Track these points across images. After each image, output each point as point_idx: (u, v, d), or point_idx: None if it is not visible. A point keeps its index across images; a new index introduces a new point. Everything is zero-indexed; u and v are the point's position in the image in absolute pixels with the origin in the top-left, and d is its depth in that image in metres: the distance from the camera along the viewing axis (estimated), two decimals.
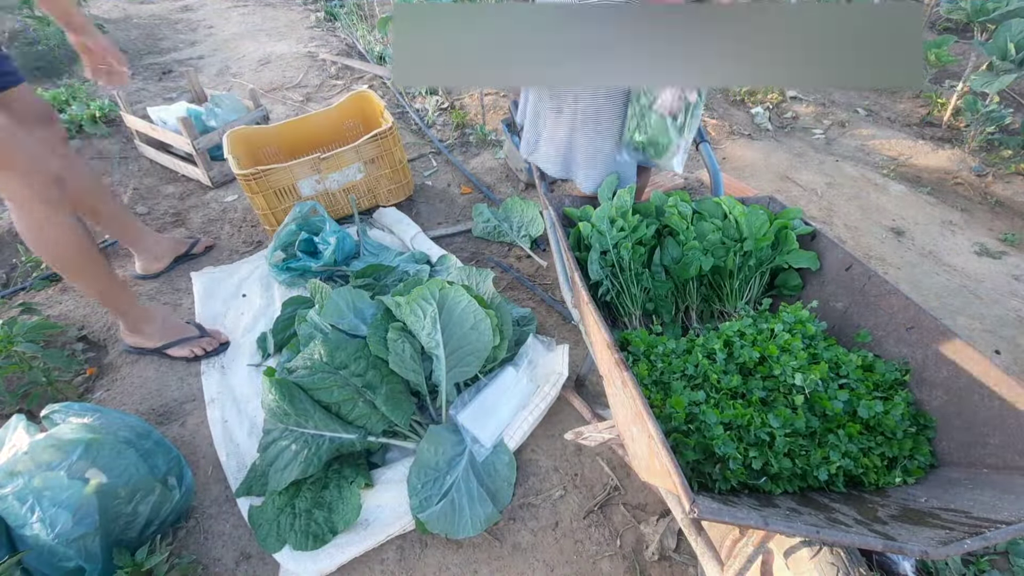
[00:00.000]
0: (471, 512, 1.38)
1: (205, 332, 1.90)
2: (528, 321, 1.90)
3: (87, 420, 1.33)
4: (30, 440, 1.25)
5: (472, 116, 3.32)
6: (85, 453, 1.23)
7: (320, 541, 1.33)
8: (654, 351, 1.26)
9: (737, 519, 0.75)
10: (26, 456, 1.21)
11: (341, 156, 2.23)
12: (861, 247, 2.46)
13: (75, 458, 1.21)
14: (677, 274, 1.46)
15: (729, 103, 3.69)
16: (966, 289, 2.26)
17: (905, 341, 1.20)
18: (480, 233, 2.40)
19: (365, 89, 2.65)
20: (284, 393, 1.43)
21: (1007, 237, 2.58)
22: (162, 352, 1.85)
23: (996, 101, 3.10)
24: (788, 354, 1.19)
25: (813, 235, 1.46)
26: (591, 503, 1.48)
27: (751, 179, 2.89)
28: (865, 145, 3.29)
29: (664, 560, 1.36)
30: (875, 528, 0.85)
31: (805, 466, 1.06)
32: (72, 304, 2.03)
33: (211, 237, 2.42)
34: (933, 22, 4.68)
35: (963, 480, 1.01)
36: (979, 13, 3.11)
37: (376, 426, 1.48)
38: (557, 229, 1.41)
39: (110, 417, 1.38)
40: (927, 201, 2.81)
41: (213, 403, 1.68)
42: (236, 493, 1.45)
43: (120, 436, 1.32)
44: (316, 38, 4.59)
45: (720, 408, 1.11)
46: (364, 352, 1.59)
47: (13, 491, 1.18)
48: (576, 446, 1.59)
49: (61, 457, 1.21)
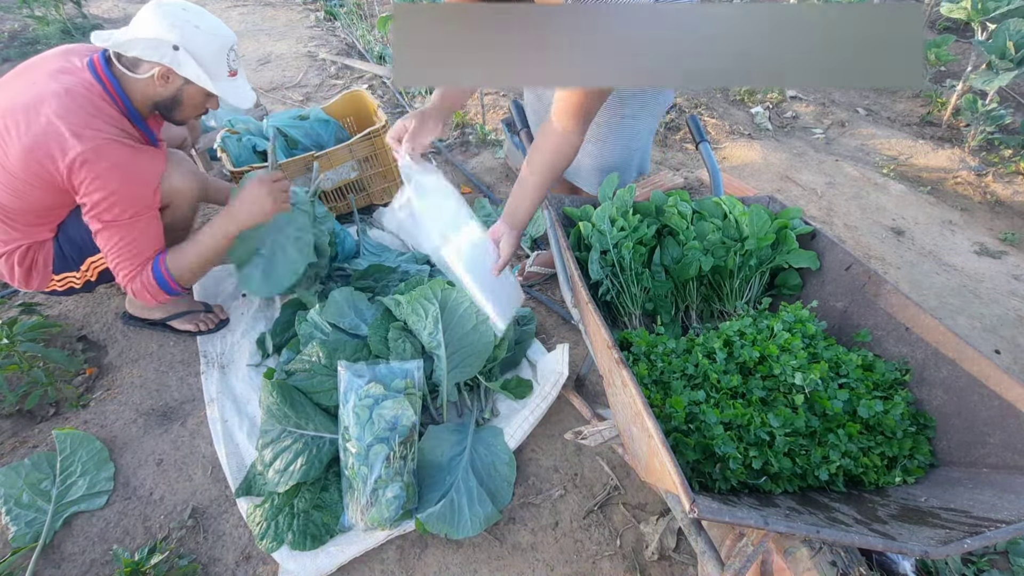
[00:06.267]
0: (471, 512, 1.38)
1: (210, 308, 1.94)
2: (528, 321, 1.90)
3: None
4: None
5: (472, 116, 3.32)
6: None
7: (318, 541, 1.34)
8: (654, 351, 1.26)
9: (737, 519, 0.75)
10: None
11: (334, 154, 2.23)
12: (861, 247, 2.46)
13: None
14: (677, 274, 1.46)
15: (729, 103, 3.69)
16: (966, 289, 2.26)
17: (905, 341, 1.20)
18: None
19: (358, 88, 2.64)
20: (285, 396, 1.43)
21: (1007, 237, 2.58)
22: (165, 324, 1.88)
23: (996, 100, 3.10)
24: (788, 353, 1.19)
25: (813, 235, 1.46)
26: (591, 503, 1.48)
27: (751, 179, 2.89)
28: (865, 145, 3.29)
29: (664, 560, 1.36)
30: (875, 528, 0.85)
31: (805, 466, 1.06)
32: (72, 304, 2.03)
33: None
34: (933, 21, 4.68)
35: (963, 479, 1.01)
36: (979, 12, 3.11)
37: None
38: (557, 229, 1.41)
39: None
40: (927, 201, 2.81)
41: (213, 403, 1.68)
42: (236, 493, 1.45)
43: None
44: (316, 38, 4.59)
45: (720, 408, 1.11)
46: (363, 353, 1.59)
47: None
48: (576, 446, 1.59)
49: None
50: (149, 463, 1.56)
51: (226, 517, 1.45)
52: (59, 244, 1.57)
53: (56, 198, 1.44)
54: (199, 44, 1.39)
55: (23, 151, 1.34)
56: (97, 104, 1.39)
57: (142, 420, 1.67)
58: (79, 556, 1.37)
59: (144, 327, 1.91)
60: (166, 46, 1.37)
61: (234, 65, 1.49)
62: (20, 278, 1.57)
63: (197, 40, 1.39)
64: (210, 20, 1.43)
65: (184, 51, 1.38)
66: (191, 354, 1.86)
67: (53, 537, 1.39)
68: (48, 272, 1.60)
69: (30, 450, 1.57)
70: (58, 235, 1.56)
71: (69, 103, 1.35)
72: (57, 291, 1.67)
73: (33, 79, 1.41)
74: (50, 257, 1.58)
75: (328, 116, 2.46)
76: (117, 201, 1.40)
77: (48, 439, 1.59)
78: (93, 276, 1.64)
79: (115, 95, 1.42)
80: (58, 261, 1.59)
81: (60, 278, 1.63)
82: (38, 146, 1.33)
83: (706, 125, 3.34)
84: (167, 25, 1.36)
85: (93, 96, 1.39)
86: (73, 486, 1.47)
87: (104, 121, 1.39)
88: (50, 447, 1.56)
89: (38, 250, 1.56)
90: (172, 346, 1.88)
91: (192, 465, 1.56)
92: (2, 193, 1.42)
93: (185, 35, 1.37)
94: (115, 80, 1.42)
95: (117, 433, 1.63)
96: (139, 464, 1.56)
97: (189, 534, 1.41)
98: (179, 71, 1.39)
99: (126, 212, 1.43)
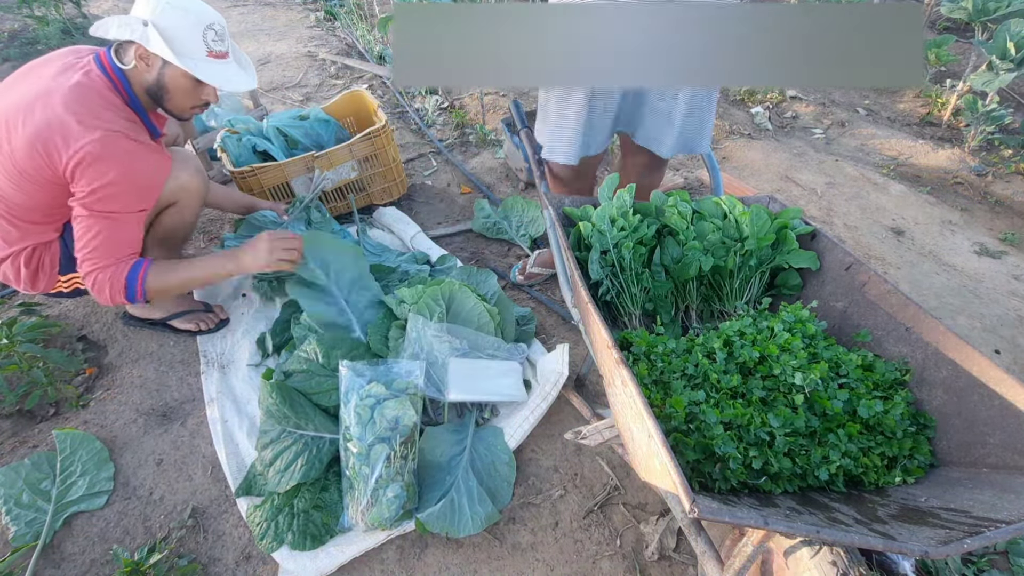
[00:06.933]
0: (471, 512, 1.38)
1: (210, 308, 1.94)
2: (528, 320, 1.90)
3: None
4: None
5: (472, 116, 3.32)
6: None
7: (318, 542, 1.34)
8: (654, 351, 1.26)
9: (737, 519, 0.75)
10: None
11: (334, 154, 2.23)
12: (861, 247, 2.47)
13: None
14: (677, 274, 1.46)
15: (729, 103, 3.69)
16: (966, 289, 2.27)
17: (905, 341, 1.20)
18: (479, 228, 2.39)
19: (358, 88, 2.64)
20: (284, 396, 1.44)
21: (1007, 237, 2.58)
22: (166, 323, 1.87)
23: (996, 101, 3.10)
24: (788, 353, 1.19)
25: (813, 235, 1.46)
26: (591, 503, 1.48)
27: (751, 179, 2.89)
28: (865, 145, 3.29)
29: (664, 560, 1.36)
30: (875, 528, 0.85)
31: (805, 466, 1.06)
32: (72, 304, 2.03)
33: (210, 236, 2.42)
34: (933, 21, 4.68)
35: (963, 479, 1.01)
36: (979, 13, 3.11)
37: None
38: (557, 228, 1.41)
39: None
40: (927, 201, 2.81)
41: (213, 403, 1.68)
42: (236, 493, 1.45)
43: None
44: (316, 38, 4.59)
45: (720, 408, 1.11)
46: (361, 350, 1.59)
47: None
48: (576, 446, 1.59)
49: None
50: (149, 463, 1.56)
51: (226, 517, 1.45)
52: (65, 244, 1.56)
53: (61, 195, 1.43)
54: (168, 19, 1.36)
55: (27, 142, 1.33)
56: (104, 95, 1.39)
57: (142, 420, 1.67)
58: (79, 556, 1.37)
59: (144, 327, 1.91)
60: (137, 22, 1.36)
61: (217, 47, 1.44)
62: (27, 280, 1.56)
63: (167, 15, 1.36)
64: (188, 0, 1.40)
65: (152, 27, 1.35)
66: (191, 354, 1.86)
67: (53, 537, 1.39)
68: (54, 273, 1.59)
69: (30, 450, 1.57)
70: (64, 235, 1.56)
71: (78, 95, 1.35)
72: (63, 293, 1.66)
73: (40, 76, 1.41)
74: (56, 258, 1.57)
75: (328, 116, 2.46)
76: (114, 194, 1.39)
77: (48, 439, 1.59)
78: None
79: (120, 87, 1.42)
80: (64, 262, 1.58)
81: (66, 279, 1.62)
82: (43, 135, 1.32)
83: None
84: (144, 3, 1.36)
85: (100, 87, 1.39)
86: (73, 486, 1.47)
87: (111, 112, 1.39)
88: (50, 447, 1.57)
89: (44, 251, 1.55)
90: (172, 346, 1.88)
91: (192, 465, 1.56)
92: (9, 189, 1.41)
93: (156, 10, 1.35)
94: (120, 72, 1.42)
95: (117, 433, 1.63)
96: (139, 464, 1.56)
97: (189, 534, 1.41)
98: (148, 47, 1.36)
99: (118, 207, 1.42)
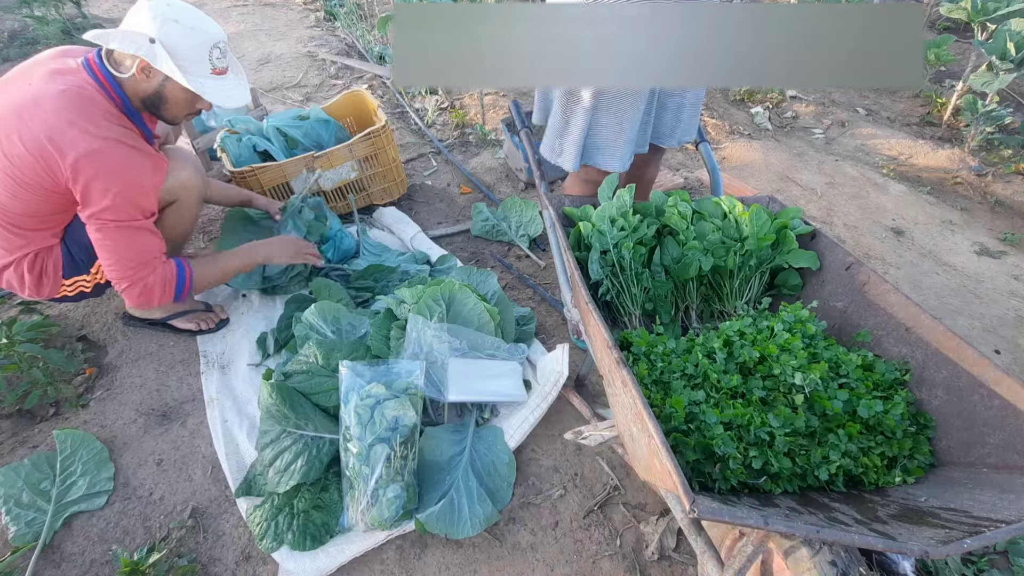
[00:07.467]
0: (471, 512, 1.38)
1: (210, 308, 1.94)
2: (528, 320, 1.90)
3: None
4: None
5: (472, 116, 3.32)
6: None
7: (318, 542, 1.33)
8: (654, 351, 1.26)
9: (737, 519, 0.75)
10: None
11: (334, 154, 2.23)
12: (861, 247, 2.47)
13: None
14: (677, 274, 1.46)
15: (729, 103, 3.69)
16: (966, 289, 2.27)
17: (905, 341, 1.20)
18: (479, 232, 2.40)
19: (358, 88, 2.64)
20: (284, 397, 1.44)
21: (1007, 237, 2.58)
22: (166, 323, 1.88)
23: (996, 101, 3.10)
24: (788, 353, 1.19)
25: (813, 235, 1.46)
26: (591, 503, 1.48)
27: (751, 179, 2.89)
28: (865, 145, 3.29)
29: (664, 559, 1.36)
30: (875, 528, 0.85)
31: (805, 465, 1.06)
32: (72, 304, 2.03)
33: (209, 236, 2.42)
34: (933, 21, 4.68)
35: (963, 479, 1.01)
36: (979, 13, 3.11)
37: None
38: (557, 229, 1.41)
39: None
40: (927, 201, 2.81)
41: (213, 403, 1.68)
42: (236, 493, 1.45)
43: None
44: (316, 38, 4.59)
45: (720, 408, 1.11)
46: (361, 352, 1.59)
47: None
48: (576, 446, 1.59)
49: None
50: (149, 463, 1.56)
51: (226, 517, 1.45)
52: (67, 247, 1.56)
53: (59, 201, 1.43)
54: (176, 38, 1.36)
55: (25, 151, 1.33)
56: (96, 101, 1.39)
57: (142, 420, 1.67)
58: (79, 556, 1.37)
59: (144, 327, 1.91)
60: (143, 39, 1.35)
61: (220, 63, 1.46)
62: (31, 286, 1.56)
63: (174, 34, 1.36)
64: (193, 15, 1.41)
65: (159, 44, 1.35)
66: (191, 354, 1.86)
67: (53, 537, 1.39)
68: (59, 277, 1.59)
69: (30, 450, 1.57)
70: (65, 239, 1.56)
71: (69, 102, 1.34)
72: (68, 297, 1.66)
73: (29, 80, 1.40)
74: (59, 262, 1.57)
75: (328, 116, 2.46)
76: (121, 204, 1.40)
77: (48, 439, 1.59)
78: (103, 278, 1.64)
79: (112, 92, 1.42)
80: (67, 265, 1.58)
81: (71, 282, 1.62)
82: (41, 145, 1.32)
83: (706, 125, 3.34)
84: (148, 18, 1.35)
85: (92, 93, 1.39)
86: (73, 486, 1.47)
87: (105, 118, 1.39)
88: (50, 447, 1.56)
89: (47, 256, 1.55)
90: (172, 346, 1.88)
91: (192, 465, 1.56)
92: (4, 196, 1.41)
93: (163, 29, 1.35)
94: (111, 77, 1.41)
95: (117, 433, 1.63)
96: (139, 464, 1.56)
97: (189, 534, 1.41)
98: (155, 64, 1.36)
99: (126, 216, 1.42)
